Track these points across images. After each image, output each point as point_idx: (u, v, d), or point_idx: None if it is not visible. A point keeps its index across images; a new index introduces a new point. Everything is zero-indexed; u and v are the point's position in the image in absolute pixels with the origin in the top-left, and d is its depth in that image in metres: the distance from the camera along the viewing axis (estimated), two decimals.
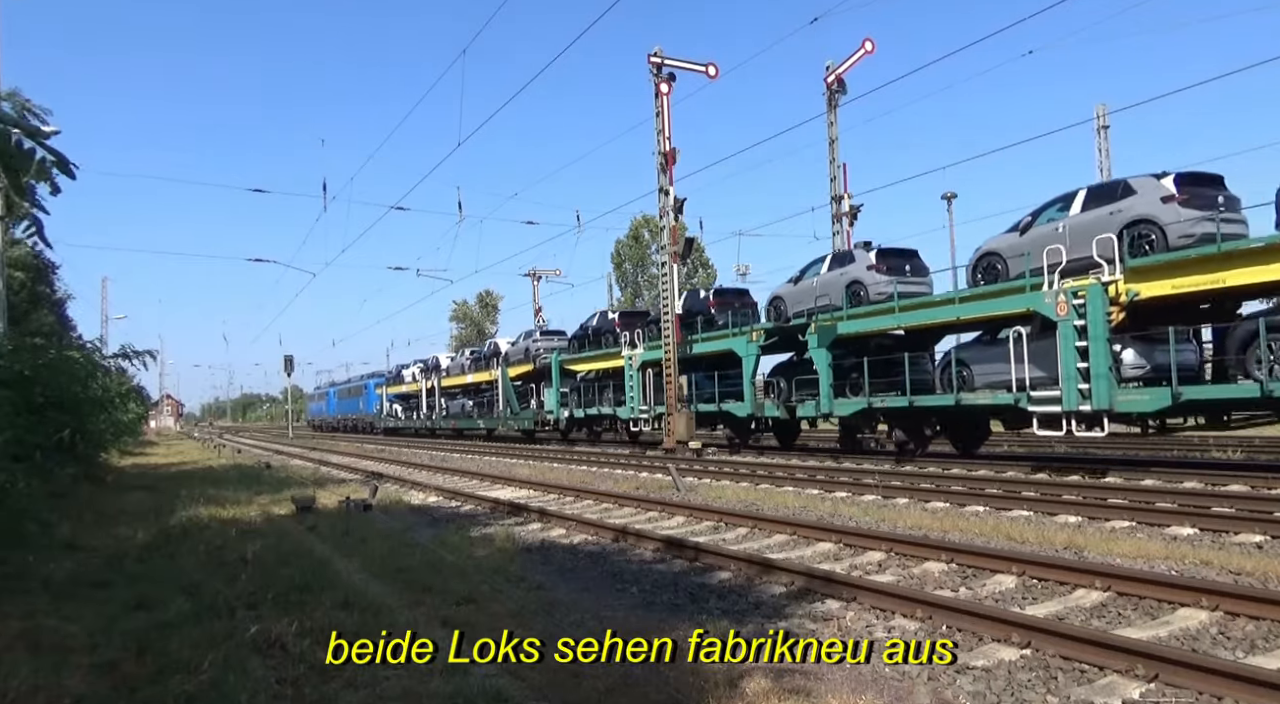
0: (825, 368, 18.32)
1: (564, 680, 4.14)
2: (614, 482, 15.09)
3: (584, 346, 29.45)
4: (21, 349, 11.06)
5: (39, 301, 31.11)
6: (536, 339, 33.21)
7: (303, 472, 20.35)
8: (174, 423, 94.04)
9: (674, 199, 22.06)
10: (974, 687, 4.24)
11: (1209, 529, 8.39)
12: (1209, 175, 13.30)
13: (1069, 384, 13.26)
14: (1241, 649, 4.71)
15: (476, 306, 79.09)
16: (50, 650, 4.65)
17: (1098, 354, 12.90)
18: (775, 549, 8.20)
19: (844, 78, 24.37)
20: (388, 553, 7.79)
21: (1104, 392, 12.78)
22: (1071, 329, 13.27)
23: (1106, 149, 32.82)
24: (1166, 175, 13.13)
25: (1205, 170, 13.34)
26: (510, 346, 35.69)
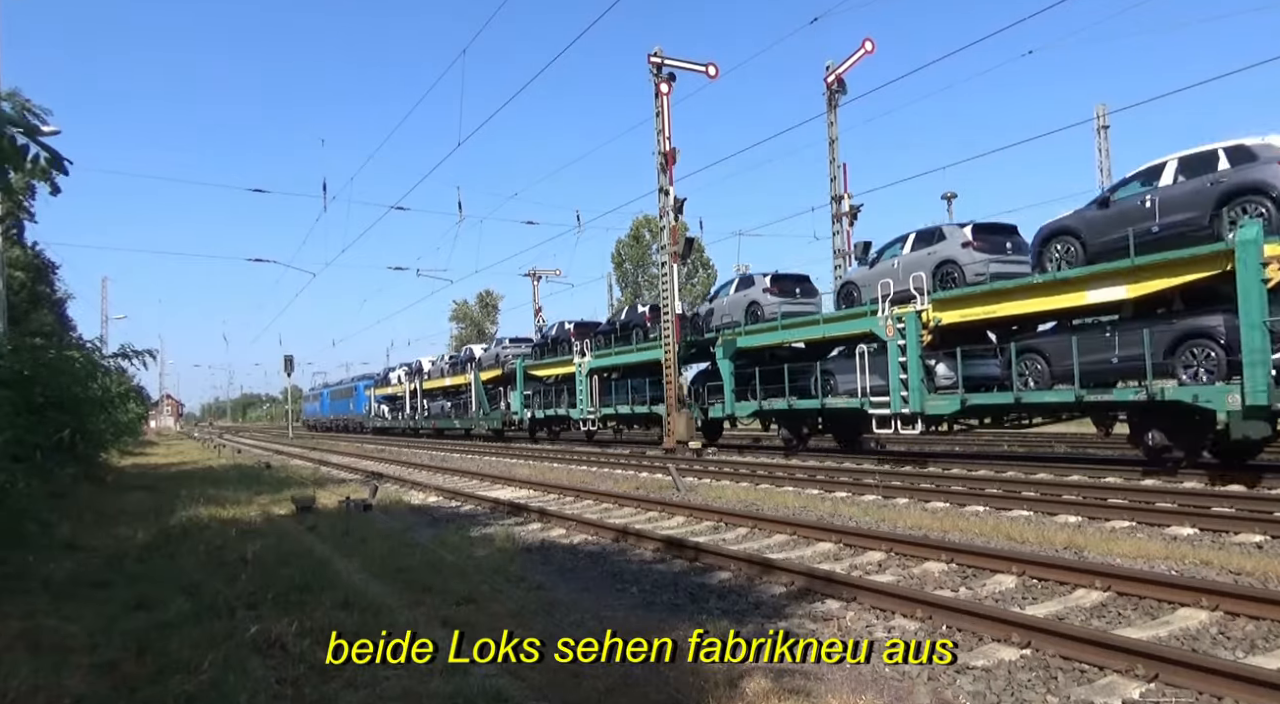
0: (728, 376, 21.44)
1: (564, 680, 4.14)
2: (614, 482, 15.09)
3: (544, 354, 32.46)
4: (21, 349, 11.06)
5: (39, 301, 31.12)
6: (506, 346, 36.64)
7: (303, 472, 20.35)
8: (174, 423, 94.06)
9: (674, 199, 22.07)
10: (974, 687, 4.24)
11: (1209, 529, 8.39)
12: (1002, 225, 16.44)
13: (895, 392, 16.47)
14: (1241, 649, 4.71)
15: (476, 306, 79.07)
16: (50, 650, 4.65)
17: (913, 368, 16.07)
18: (775, 549, 8.20)
19: (844, 78, 24.40)
20: (388, 553, 7.79)
21: (917, 398, 15.97)
22: (896, 347, 16.33)
23: (1106, 149, 32.83)
24: (966, 225, 16.31)
25: (1000, 221, 16.55)
26: (483, 352, 38.80)
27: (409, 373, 48.15)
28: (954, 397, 15.36)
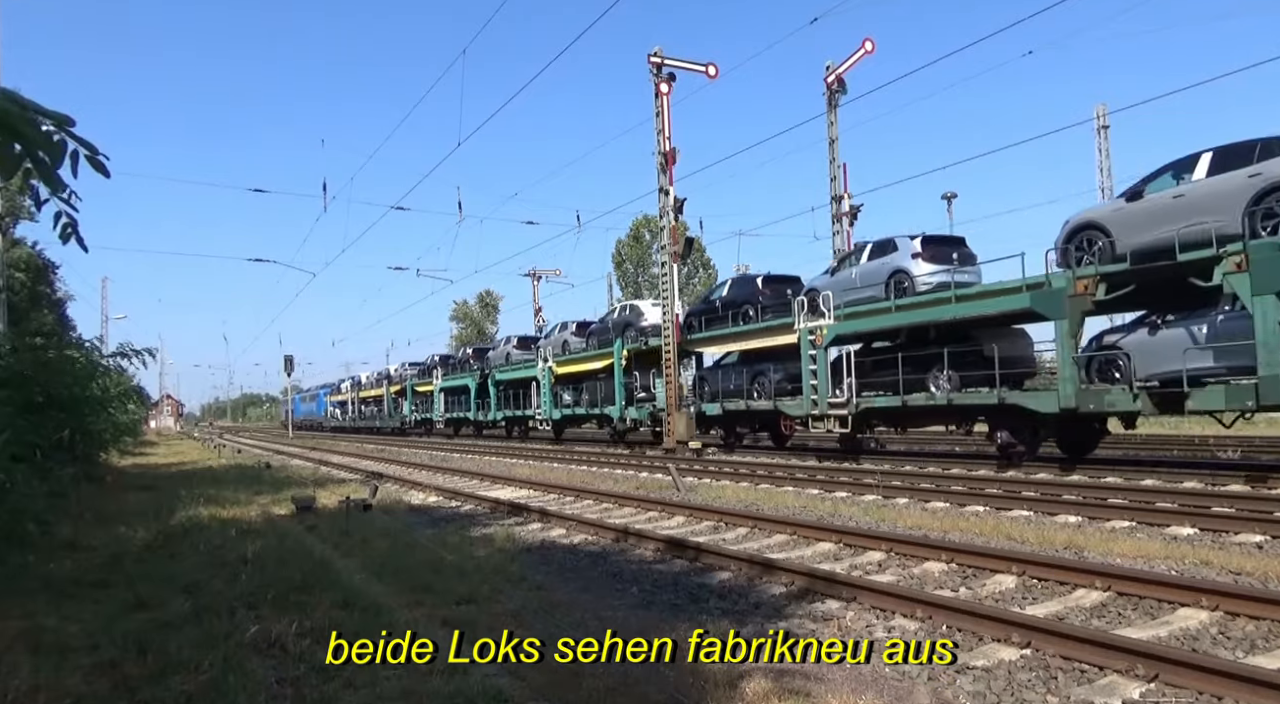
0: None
1: (564, 680, 4.14)
2: (614, 482, 15.09)
3: (423, 376, 46.09)
4: (21, 349, 11.04)
5: (39, 301, 31.13)
6: (405, 368, 51.16)
7: (303, 471, 20.35)
8: (174, 423, 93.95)
9: (674, 199, 22.06)
10: (974, 687, 4.24)
11: (1209, 529, 8.39)
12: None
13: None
14: (1241, 649, 4.70)
15: (476, 306, 79.00)
16: (50, 650, 4.65)
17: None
18: (775, 549, 8.20)
19: (844, 78, 24.37)
20: (388, 553, 7.79)
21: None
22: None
23: (1106, 149, 32.84)
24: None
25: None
26: (394, 372, 53.59)
27: (352, 385, 62.75)
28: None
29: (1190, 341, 12.17)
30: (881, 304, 17.00)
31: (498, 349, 38.35)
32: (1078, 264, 13.41)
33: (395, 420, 49.85)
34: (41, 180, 2.44)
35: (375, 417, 54.85)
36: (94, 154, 2.48)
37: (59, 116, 2.40)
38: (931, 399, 15.82)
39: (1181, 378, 11.90)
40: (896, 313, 16.59)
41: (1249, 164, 11.45)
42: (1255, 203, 11.18)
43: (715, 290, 24.71)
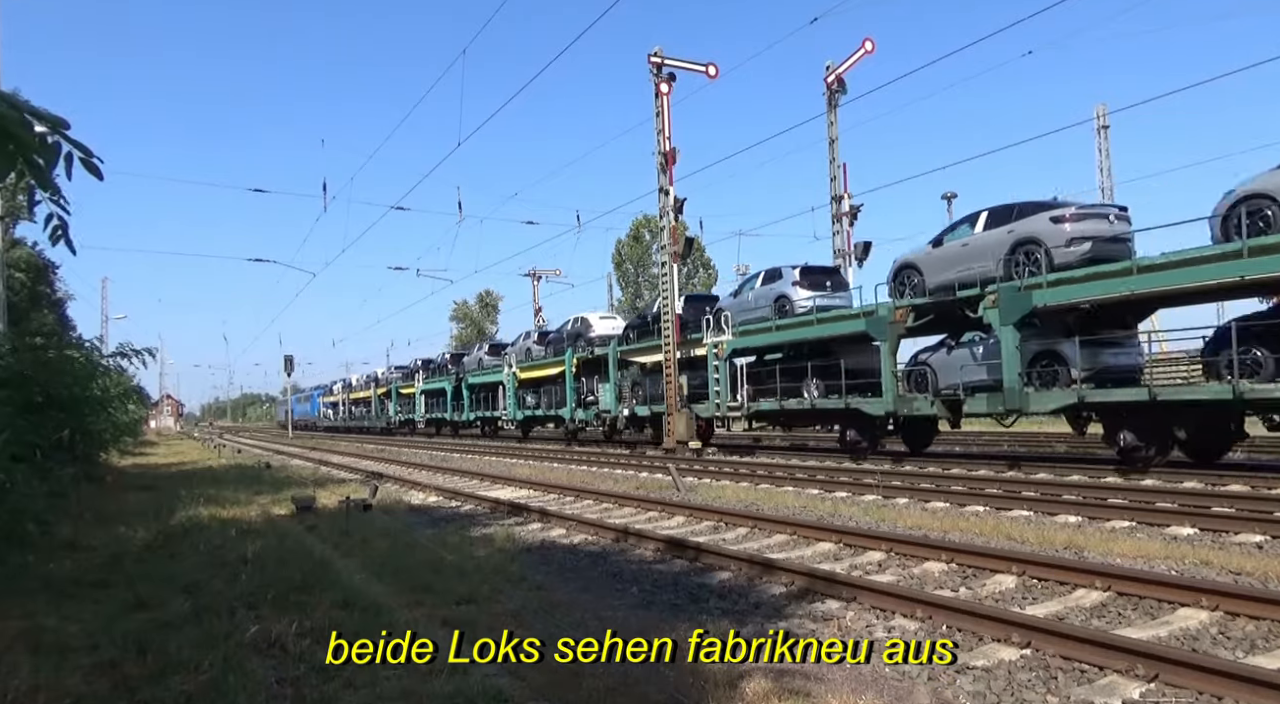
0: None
1: (564, 680, 4.14)
2: (614, 482, 15.09)
3: (406, 379, 49.68)
4: (21, 349, 11.03)
5: (39, 301, 31.14)
6: (391, 371, 55.29)
7: (303, 471, 20.35)
8: (174, 423, 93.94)
9: (674, 199, 22.07)
10: (974, 687, 4.24)
11: (1209, 529, 8.39)
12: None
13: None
14: (1241, 649, 4.70)
15: (477, 307, 78.99)
16: (50, 650, 4.65)
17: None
18: (775, 549, 8.20)
19: (844, 78, 24.40)
20: (388, 553, 7.79)
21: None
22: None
23: (1106, 149, 32.85)
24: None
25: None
26: (381, 375, 57.27)
27: (344, 386, 66.07)
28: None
29: (970, 360, 15.66)
30: (766, 323, 20.40)
31: (472, 355, 41.37)
32: (899, 297, 16.91)
33: (382, 420, 53.06)
34: (35, 182, 2.44)
35: (364, 417, 58.41)
36: (88, 156, 2.48)
37: (54, 119, 2.40)
38: (802, 403, 19.17)
39: (963, 388, 15.47)
40: (777, 331, 20.00)
41: (1009, 222, 14.89)
42: (1011, 253, 14.63)
43: (649, 307, 27.82)
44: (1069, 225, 13.99)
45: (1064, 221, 14.06)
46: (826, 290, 19.87)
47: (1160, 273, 12.57)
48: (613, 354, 26.77)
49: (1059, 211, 14.31)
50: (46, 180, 2.45)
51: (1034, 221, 14.43)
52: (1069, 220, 14.05)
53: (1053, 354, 14.17)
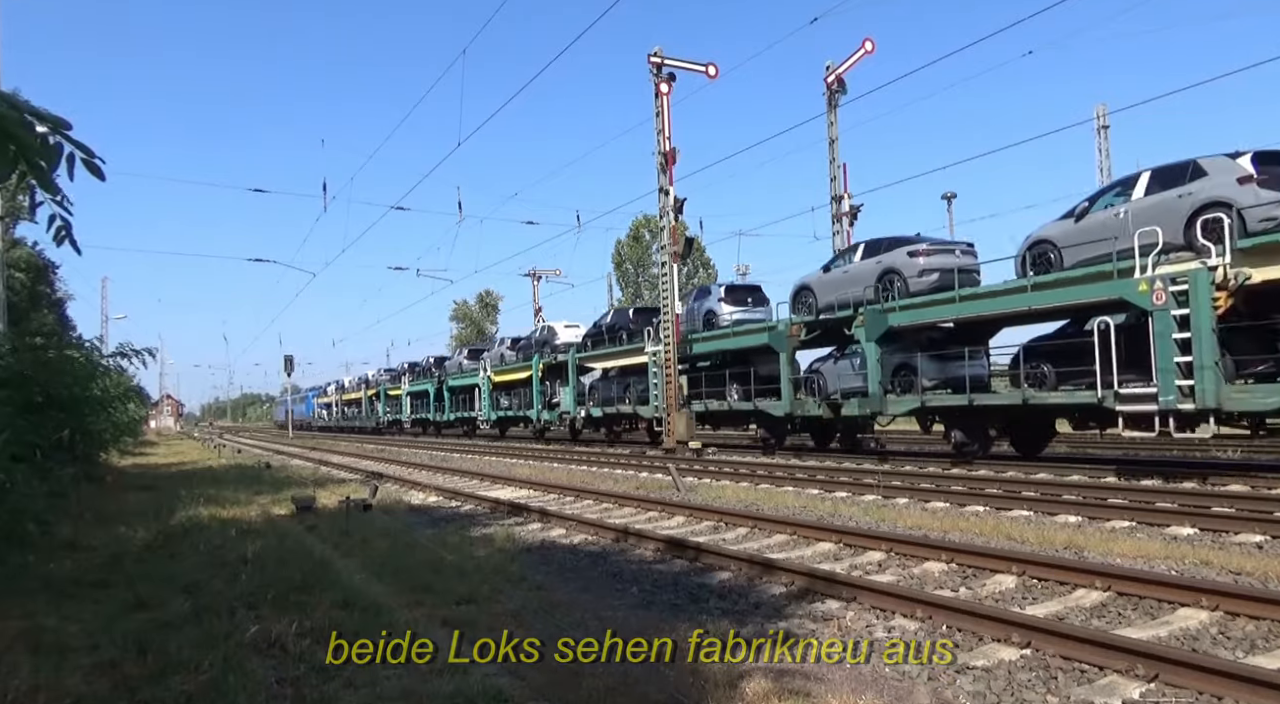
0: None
1: (564, 680, 4.14)
2: (614, 482, 15.09)
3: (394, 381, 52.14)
4: (21, 349, 11.03)
5: (39, 301, 31.15)
6: (380, 374, 57.88)
7: (303, 471, 20.35)
8: (174, 423, 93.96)
9: (674, 199, 22.06)
10: (974, 687, 4.24)
11: (1209, 529, 8.39)
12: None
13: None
14: (1241, 649, 4.70)
15: (477, 306, 79.02)
16: (50, 650, 4.65)
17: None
18: (775, 549, 8.20)
19: (844, 78, 24.38)
20: (388, 553, 7.79)
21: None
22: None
23: (1106, 149, 32.84)
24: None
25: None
26: (371, 377, 59.67)
27: (337, 388, 68.57)
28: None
29: (850, 370, 18.35)
30: (697, 335, 23.11)
31: (453, 359, 44.07)
32: (798, 314, 19.69)
33: (372, 421, 55.83)
34: (37, 183, 2.44)
35: (356, 417, 61.31)
36: (90, 157, 2.48)
37: (55, 120, 2.40)
38: (723, 405, 21.79)
39: (842, 393, 18.25)
40: (704, 342, 22.87)
41: (878, 254, 17.72)
42: (878, 280, 17.40)
43: (603, 318, 30.00)
44: (921, 259, 16.72)
45: (918, 255, 16.81)
46: (748, 306, 22.64)
47: (975, 301, 15.37)
48: (572, 360, 29.51)
49: (915, 247, 17.04)
50: (48, 181, 2.45)
51: (896, 255, 17.23)
52: (922, 255, 16.81)
53: (909, 366, 16.80)
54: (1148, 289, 12.04)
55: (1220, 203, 11.81)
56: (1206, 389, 11.42)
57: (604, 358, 28.09)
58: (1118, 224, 12.91)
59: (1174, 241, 12.18)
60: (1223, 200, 11.80)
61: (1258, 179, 11.68)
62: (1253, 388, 11.57)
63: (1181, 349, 11.71)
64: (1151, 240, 12.17)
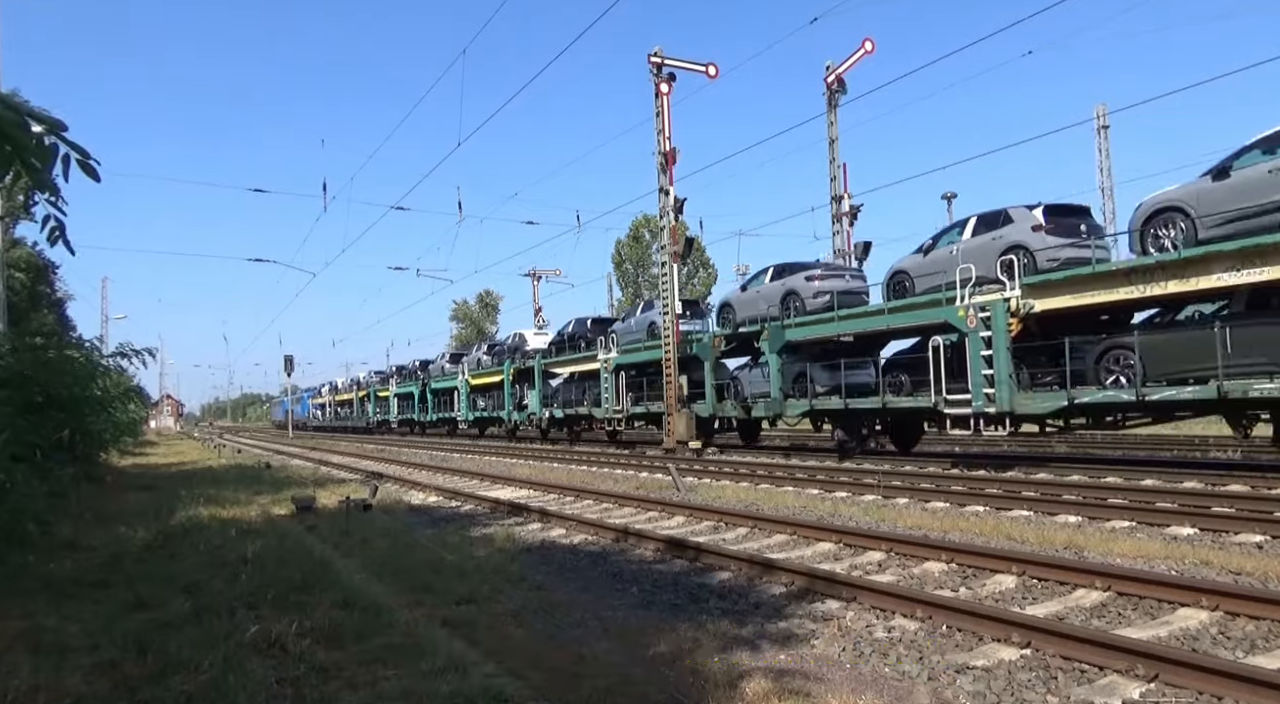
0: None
1: (564, 680, 4.14)
2: (614, 482, 15.09)
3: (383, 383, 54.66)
4: (21, 349, 11.03)
5: (39, 301, 31.13)
6: (371, 376, 60.80)
7: (303, 471, 20.35)
8: (174, 423, 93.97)
9: (674, 199, 22.06)
10: (974, 687, 4.24)
11: (1209, 529, 8.39)
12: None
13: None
14: (1241, 649, 4.70)
15: (476, 306, 78.92)
16: (50, 650, 4.65)
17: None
18: (775, 549, 8.20)
19: (844, 78, 24.38)
20: (388, 553, 7.79)
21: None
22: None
23: (1106, 149, 32.85)
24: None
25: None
26: (363, 379, 62.60)
27: (330, 389, 71.12)
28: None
29: (760, 377, 20.63)
30: (638, 344, 25.66)
31: (436, 362, 45.90)
32: (721, 328, 22.15)
33: (363, 421, 58.14)
34: (32, 183, 2.45)
35: (348, 417, 63.91)
36: (85, 158, 2.49)
37: (52, 121, 2.41)
38: (662, 407, 23.13)
39: (752, 397, 20.83)
40: (644, 351, 25.02)
41: (783, 277, 20.15)
42: (782, 300, 19.91)
43: (564, 327, 32.58)
44: (816, 282, 19.35)
45: (813, 279, 19.46)
46: (687, 318, 24.25)
47: (849, 320, 17.99)
48: (538, 366, 32.10)
49: (811, 272, 19.73)
50: (43, 182, 2.46)
51: (795, 278, 19.76)
52: (816, 278, 19.44)
53: (804, 374, 19.14)
54: (965, 315, 14.69)
55: (1020, 246, 14.53)
56: (1003, 396, 14.15)
57: (566, 364, 30.67)
58: (951, 259, 15.53)
59: (988, 276, 14.74)
60: (1021, 244, 14.53)
61: (1046, 227, 14.37)
62: (1035, 395, 14.31)
63: (987, 364, 14.31)
64: (968, 275, 14.81)
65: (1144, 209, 12.76)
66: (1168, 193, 12.60)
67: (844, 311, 18.13)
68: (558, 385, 31.37)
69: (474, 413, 38.59)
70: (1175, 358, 12.12)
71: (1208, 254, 11.73)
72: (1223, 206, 11.63)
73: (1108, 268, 13.31)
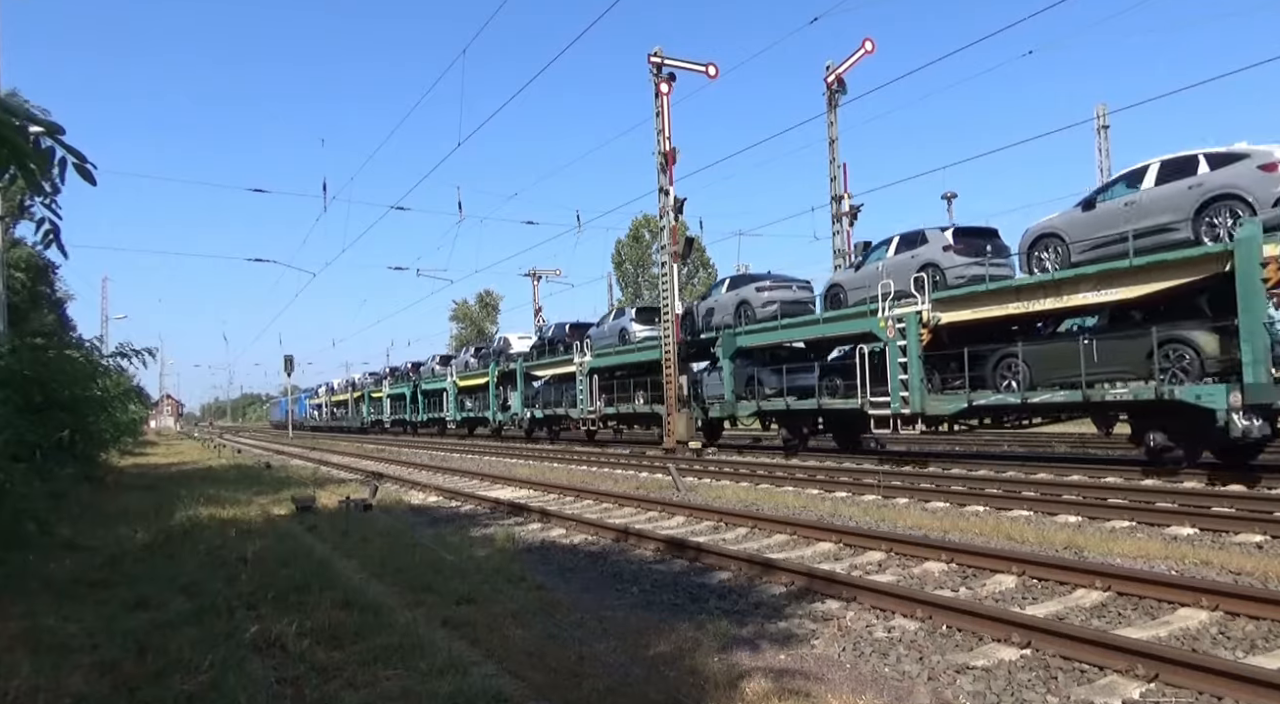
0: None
1: (564, 680, 4.14)
2: (614, 482, 15.09)
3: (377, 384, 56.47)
4: (22, 349, 11.04)
5: (39, 301, 31.11)
6: (366, 377, 61.85)
7: (302, 471, 20.34)
8: (174, 423, 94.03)
9: (674, 199, 22.06)
10: (974, 687, 4.24)
11: (1209, 529, 8.39)
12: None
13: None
14: (1241, 649, 4.70)
15: (476, 306, 78.96)
16: (50, 650, 4.65)
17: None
18: (775, 549, 8.20)
19: (844, 78, 24.39)
20: (388, 553, 7.78)
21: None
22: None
23: (1106, 149, 32.85)
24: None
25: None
26: (358, 380, 63.46)
27: (327, 390, 72.47)
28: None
29: (718, 380, 21.89)
30: (610, 348, 27.29)
31: (426, 364, 47.54)
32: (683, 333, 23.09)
33: (357, 421, 59.62)
34: (28, 186, 2.46)
35: (343, 417, 65.46)
36: (81, 161, 2.49)
37: (49, 124, 2.41)
38: (632, 408, 25.73)
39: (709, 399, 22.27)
40: (615, 355, 26.86)
41: (737, 288, 21.88)
42: (735, 309, 21.45)
43: (544, 331, 34.73)
44: (765, 293, 20.79)
45: (763, 290, 20.92)
46: (654, 325, 25.63)
47: (790, 329, 19.64)
48: (520, 368, 33.69)
49: (761, 283, 21.24)
50: (39, 185, 2.46)
51: (748, 289, 21.30)
52: (766, 289, 20.91)
53: (755, 378, 20.79)
54: (885, 325, 16.30)
55: (932, 264, 16.11)
56: (916, 399, 15.78)
57: (546, 367, 32.21)
58: (876, 275, 17.04)
59: (906, 290, 16.04)
60: (933, 262, 16.12)
61: (955, 248, 15.96)
62: (942, 397, 15.74)
63: (903, 370, 15.99)
64: (889, 289, 16.28)
65: (1029, 234, 14.54)
66: (1049, 220, 14.34)
67: (786, 320, 19.65)
68: (539, 387, 32.62)
69: (461, 413, 40.29)
70: (1053, 365, 13.69)
71: (1076, 276, 13.35)
72: (1089, 234, 13.26)
73: (1000, 285, 14.91)
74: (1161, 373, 12.06)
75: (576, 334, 29.80)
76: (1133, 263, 12.30)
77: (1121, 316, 13.43)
